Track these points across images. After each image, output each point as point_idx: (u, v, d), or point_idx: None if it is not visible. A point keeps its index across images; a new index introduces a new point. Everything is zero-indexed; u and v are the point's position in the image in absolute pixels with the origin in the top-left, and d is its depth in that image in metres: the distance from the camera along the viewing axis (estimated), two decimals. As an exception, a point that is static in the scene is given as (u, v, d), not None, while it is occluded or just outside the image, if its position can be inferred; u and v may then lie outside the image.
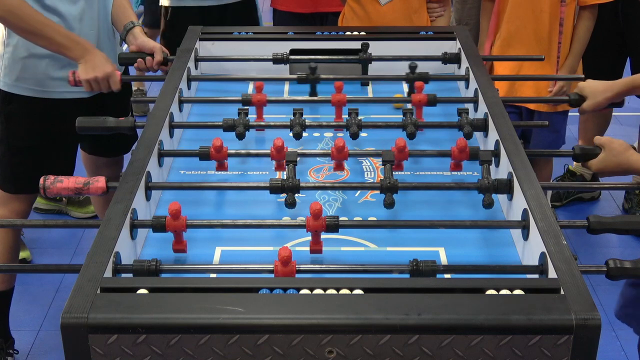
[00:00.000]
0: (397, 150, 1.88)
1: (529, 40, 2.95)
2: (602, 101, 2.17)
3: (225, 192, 1.91)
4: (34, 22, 2.39)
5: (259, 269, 1.56)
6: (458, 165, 1.94)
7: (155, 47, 2.51)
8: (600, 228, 1.64)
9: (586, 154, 1.95)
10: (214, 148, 1.89)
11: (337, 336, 1.29)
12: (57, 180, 1.75)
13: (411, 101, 2.20)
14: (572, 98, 2.23)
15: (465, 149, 1.89)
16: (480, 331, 1.29)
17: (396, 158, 1.89)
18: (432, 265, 1.52)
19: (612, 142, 1.93)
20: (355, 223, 1.75)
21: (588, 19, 2.95)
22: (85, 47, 2.44)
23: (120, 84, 2.45)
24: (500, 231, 1.76)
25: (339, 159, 1.91)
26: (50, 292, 3.14)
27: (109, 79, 2.42)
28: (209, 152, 1.90)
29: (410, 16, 2.96)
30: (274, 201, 1.85)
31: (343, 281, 1.40)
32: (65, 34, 2.43)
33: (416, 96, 2.19)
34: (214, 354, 1.30)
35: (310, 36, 2.64)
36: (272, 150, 1.89)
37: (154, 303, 1.33)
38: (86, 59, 2.41)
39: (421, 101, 2.18)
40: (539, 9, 2.91)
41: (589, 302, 1.33)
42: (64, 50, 2.43)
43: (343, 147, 1.87)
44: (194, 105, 2.36)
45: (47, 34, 2.40)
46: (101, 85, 2.43)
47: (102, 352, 1.30)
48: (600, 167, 1.92)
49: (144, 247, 1.71)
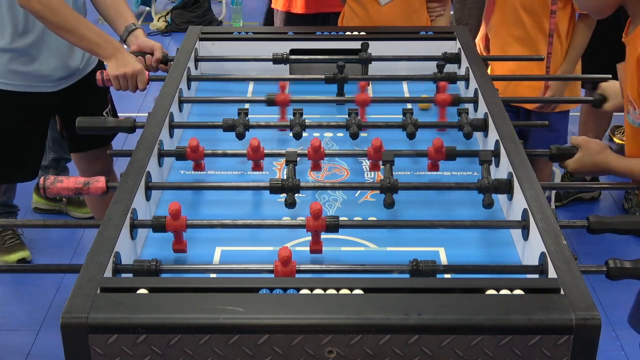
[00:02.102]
0: (374, 150, 1.88)
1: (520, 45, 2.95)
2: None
3: (225, 192, 1.91)
4: (68, 18, 2.40)
5: (259, 269, 1.56)
6: (435, 165, 1.93)
7: (155, 46, 2.53)
8: (600, 228, 1.64)
9: (562, 154, 1.96)
10: (190, 148, 1.89)
11: (337, 336, 1.29)
12: (57, 180, 1.75)
13: (435, 101, 2.20)
14: (596, 99, 2.23)
15: (442, 149, 1.89)
16: (480, 331, 1.29)
17: (372, 158, 1.89)
18: (432, 265, 1.52)
19: (589, 142, 1.94)
20: (355, 223, 1.75)
21: (585, 27, 2.93)
22: (116, 46, 2.45)
23: (147, 83, 2.46)
24: (500, 231, 1.76)
25: (315, 159, 1.90)
26: (50, 292, 3.14)
27: (137, 76, 2.42)
28: (185, 152, 1.90)
29: (410, 16, 2.96)
30: (274, 201, 1.85)
31: (343, 281, 1.40)
32: (98, 32, 2.44)
33: (440, 96, 2.19)
34: (214, 354, 1.30)
35: (310, 36, 2.64)
36: (248, 151, 1.89)
37: (154, 303, 1.33)
38: (117, 56, 2.42)
39: (445, 101, 2.18)
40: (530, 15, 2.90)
41: (589, 302, 1.33)
42: (95, 47, 2.44)
43: (319, 147, 1.87)
44: (194, 105, 2.36)
45: (80, 31, 2.41)
46: (129, 83, 2.43)
47: (102, 352, 1.30)
48: (577, 167, 1.93)
49: (144, 247, 1.71)
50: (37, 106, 2.70)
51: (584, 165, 1.93)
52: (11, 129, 2.71)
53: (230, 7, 6.25)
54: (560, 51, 2.95)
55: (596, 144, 1.93)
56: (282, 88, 2.25)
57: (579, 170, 1.94)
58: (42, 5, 2.37)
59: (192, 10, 6.15)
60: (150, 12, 6.33)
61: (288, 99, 2.18)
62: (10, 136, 2.72)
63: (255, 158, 1.89)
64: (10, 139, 2.72)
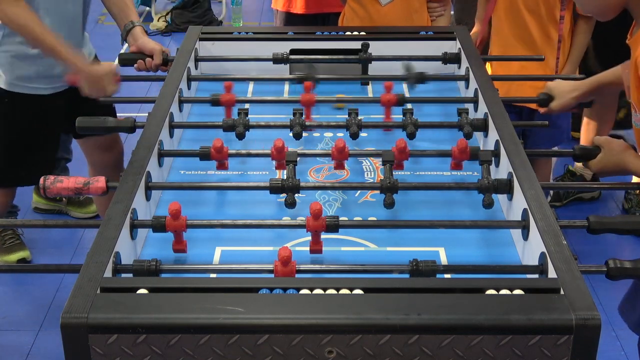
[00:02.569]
0: (398, 150, 1.88)
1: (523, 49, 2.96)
2: (570, 101, 2.20)
3: (225, 192, 1.91)
4: (37, 28, 2.45)
5: (259, 269, 1.56)
6: (458, 164, 1.94)
7: (155, 49, 2.53)
8: (600, 228, 1.64)
9: (586, 154, 1.95)
10: (214, 148, 1.89)
11: (337, 336, 1.29)
12: (57, 180, 1.75)
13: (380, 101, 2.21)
14: (541, 98, 2.24)
15: (466, 150, 1.89)
16: (480, 331, 1.29)
17: (397, 158, 1.89)
18: (432, 265, 1.52)
19: (611, 142, 1.92)
20: (355, 223, 1.75)
21: (585, 30, 2.93)
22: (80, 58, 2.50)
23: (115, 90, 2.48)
24: (500, 231, 1.75)
25: (339, 159, 1.91)
26: (50, 292, 3.14)
27: (106, 93, 2.45)
28: (210, 152, 1.90)
29: (411, 16, 2.96)
30: (274, 201, 1.85)
31: (343, 281, 1.40)
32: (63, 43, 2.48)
33: (385, 96, 2.19)
34: (214, 354, 1.30)
35: (310, 36, 2.64)
36: (272, 151, 1.90)
37: (154, 303, 1.33)
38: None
39: (390, 101, 2.18)
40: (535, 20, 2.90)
41: (589, 302, 1.33)
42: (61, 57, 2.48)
43: (343, 147, 1.88)
44: (194, 105, 2.36)
45: (47, 44, 2.46)
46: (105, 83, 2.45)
47: (102, 352, 1.30)
48: (599, 167, 1.92)
49: (144, 247, 1.71)
50: (48, 107, 2.70)
51: (606, 166, 1.91)
52: (24, 131, 2.71)
53: (230, 7, 6.25)
54: (563, 54, 2.95)
55: (618, 144, 1.92)
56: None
57: (602, 171, 1.92)
58: (9, 20, 2.44)
59: (192, 10, 6.15)
60: (150, 12, 6.33)
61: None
62: (23, 139, 2.72)
63: (279, 158, 1.89)
64: (23, 141, 2.72)
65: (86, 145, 2.99)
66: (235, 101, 2.21)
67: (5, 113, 2.71)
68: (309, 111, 2.19)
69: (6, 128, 2.73)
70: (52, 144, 2.86)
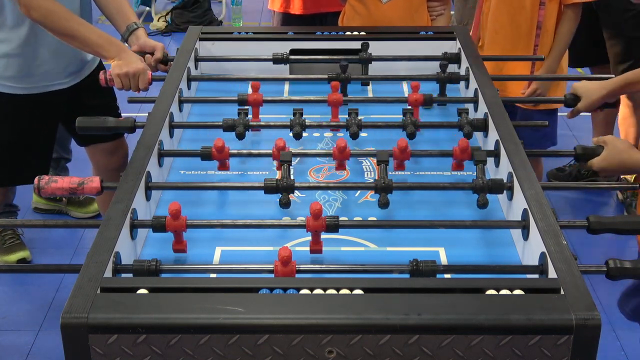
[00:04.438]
0: (400, 150, 1.88)
1: (511, 39, 2.94)
2: (596, 101, 2.18)
3: (225, 192, 1.91)
4: (70, 24, 2.42)
5: (259, 269, 1.56)
6: (460, 165, 1.94)
7: (157, 46, 2.54)
8: (600, 228, 1.64)
9: (587, 154, 1.95)
10: (216, 148, 1.89)
11: (337, 336, 1.29)
12: (51, 180, 1.75)
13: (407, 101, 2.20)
14: (567, 98, 2.23)
15: (467, 149, 1.89)
16: (480, 331, 1.29)
17: (398, 158, 1.89)
18: (432, 265, 1.52)
19: (615, 140, 1.92)
20: (355, 223, 1.75)
21: (570, 19, 2.91)
22: (119, 46, 2.46)
23: (149, 83, 2.46)
24: (500, 231, 1.75)
25: (340, 159, 1.91)
26: (50, 292, 3.14)
27: (139, 75, 2.42)
28: (211, 152, 1.90)
29: (411, 14, 2.96)
30: (274, 201, 1.85)
31: (343, 281, 1.40)
32: (100, 34, 2.46)
33: (412, 96, 2.19)
34: (214, 354, 1.30)
35: (310, 36, 2.64)
36: (274, 151, 1.90)
37: (154, 303, 1.33)
38: (120, 56, 2.43)
39: (417, 100, 2.18)
40: (519, 8, 2.90)
41: (589, 302, 1.33)
42: (99, 49, 2.46)
43: (345, 147, 1.88)
44: (194, 105, 2.36)
45: (82, 35, 2.43)
46: (131, 82, 2.43)
47: (102, 352, 1.30)
48: (603, 165, 1.91)
49: (144, 247, 1.71)
50: (43, 107, 2.70)
51: (610, 164, 1.90)
52: (18, 131, 2.71)
53: (230, 7, 6.25)
54: (547, 46, 2.93)
55: (622, 142, 1.91)
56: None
57: (605, 169, 1.91)
58: (42, 16, 2.40)
59: (192, 10, 6.15)
60: (150, 12, 6.33)
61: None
62: (18, 139, 2.72)
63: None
64: (18, 141, 2.73)
65: (92, 150, 2.99)
66: (263, 101, 2.19)
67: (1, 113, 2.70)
68: (336, 110, 2.18)
69: (4, 128, 2.72)
70: (42, 144, 2.84)
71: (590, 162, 1.93)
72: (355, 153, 2.00)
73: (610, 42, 3.49)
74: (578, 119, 2.88)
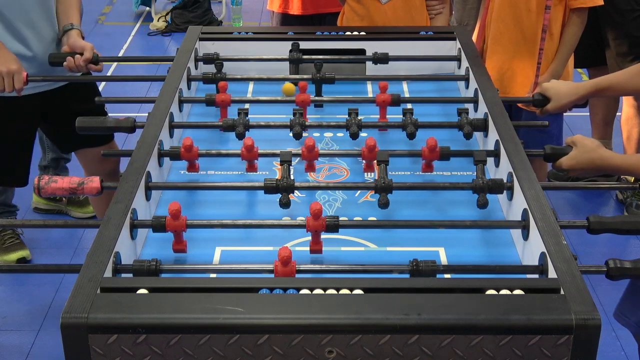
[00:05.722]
0: (367, 149, 1.88)
1: (515, 42, 2.94)
2: (566, 104, 2.20)
3: (225, 192, 1.91)
4: None
5: (259, 269, 1.56)
6: (429, 165, 1.93)
7: (86, 46, 2.51)
8: (600, 228, 1.64)
9: (557, 154, 1.95)
10: (184, 147, 1.89)
11: (337, 336, 1.29)
12: (51, 180, 1.75)
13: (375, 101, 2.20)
14: (536, 98, 2.23)
15: (436, 149, 1.88)
16: (480, 331, 1.29)
17: (366, 158, 1.89)
18: (432, 265, 1.52)
19: (584, 139, 1.94)
20: (355, 223, 1.75)
21: (576, 23, 2.91)
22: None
23: (24, 84, 2.44)
24: (500, 231, 1.76)
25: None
26: (50, 292, 3.14)
27: (13, 76, 2.41)
28: (179, 152, 1.90)
29: (411, 14, 2.95)
30: (274, 201, 1.85)
31: (343, 281, 1.40)
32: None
33: (380, 96, 2.19)
34: (214, 354, 1.30)
35: (310, 36, 2.64)
36: (242, 151, 1.89)
37: (154, 303, 1.33)
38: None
39: (385, 101, 2.18)
40: (525, 11, 2.89)
41: (589, 302, 1.33)
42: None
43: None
44: (193, 105, 2.36)
45: None
46: (6, 82, 2.42)
47: (102, 352, 1.30)
48: (572, 163, 1.92)
49: (144, 247, 1.71)
50: (20, 110, 2.68)
51: (579, 162, 1.92)
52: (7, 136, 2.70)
53: (230, 7, 6.25)
54: (552, 50, 2.93)
55: (591, 141, 1.93)
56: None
57: (573, 167, 1.93)
58: None
59: (192, 10, 6.15)
60: (150, 12, 6.33)
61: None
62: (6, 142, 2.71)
63: (249, 158, 1.89)
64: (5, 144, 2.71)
65: (82, 156, 2.98)
66: (231, 101, 2.20)
67: None
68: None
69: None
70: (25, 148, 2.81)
71: (559, 161, 1.94)
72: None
73: (615, 43, 3.49)
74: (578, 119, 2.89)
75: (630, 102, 3.61)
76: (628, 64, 3.42)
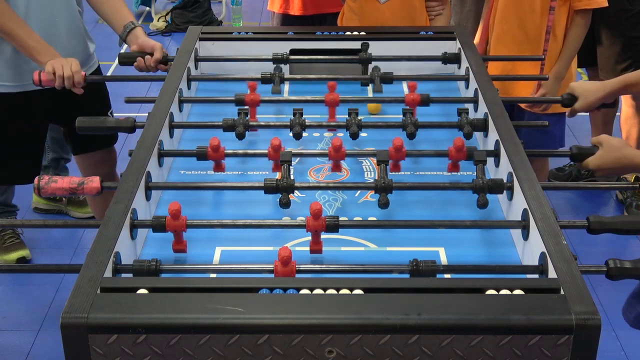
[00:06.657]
0: (395, 149, 1.88)
1: (519, 43, 2.94)
2: (594, 101, 2.18)
3: (225, 192, 1.91)
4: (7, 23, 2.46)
5: (259, 269, 1.56)
6: (455, 165, 1.93)
7: (156, 46, 2.52)
8: (600, 228, 1.64)
9: (583, 153, 1.95)
10: (212, 147, 1.89)
11: (337, 336, 1.29)
12: (51, 180, 1.75)
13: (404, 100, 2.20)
14: (565, 98, 2.23)
15: (463, 148, 1.89)
16: (480, 331, 1.29)
17: (393, 158, 1.89)
18: (432, 265, 1.52)
19: (610, 139, 1.92)
20: (355, 223, 1.75)
21: (580, 25, 2.90)
22: (55, 54, 2.48)
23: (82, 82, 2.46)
24: (500, 231, 1.76)
25: (336, 158, 1.90)
26: (50, 292, 3.14)
27: (73, 74, 2.42)
28: (207, 152, 1.90)
29: (410, 14, 2.95)
30: (274, 201, 1.85)
31: (343, 281, 1.40)
32: (37, 39, 2.48)
33: (409, 96, 2.19)
34: (214, 354, 1.30)
35: (310, 36, 2.64)
36: (269, 151, 1.89)
37: (154, 303, 1.33)
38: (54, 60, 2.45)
39: (414, 100, 2.18)
40: (529, 12, 2.89)
41: (589, 302, 1.33)
42: (34, 52, 2.48)
43: (340, 146, 1.87)
44: (194, 105, 2.36)
45: (19, 37, 2.46)
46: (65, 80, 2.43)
47: (102, 352, 1.30)
48: (598, 163, 1.91)
49: (144, 247, 1.71)
50: (31, 107, 2.69)
51: (605, 162, 1.90)
52: (5, 131, 2.71)
53: (230, 7, 6.25)
54: (556, 51, 2.93)
55: (618, 141, 1.92)
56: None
57: (600, 167, 1.91)
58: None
59: (192, 10, 6.15)
60: (150, 12, 6.34)
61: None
62: (5, 138, 2.72)
63: (275, 158, 1.89)
64: (5, 141, 2.72)
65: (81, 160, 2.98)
66: (260, 101, 2.19)
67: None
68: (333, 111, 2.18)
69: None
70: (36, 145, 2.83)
71: (585, 161, 1.93)
72: (355, 153, 2.00)
73: (609, 42, 3.49)
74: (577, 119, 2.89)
75: (629, 101, 3.61)
76: (621, 64, 3.42)
